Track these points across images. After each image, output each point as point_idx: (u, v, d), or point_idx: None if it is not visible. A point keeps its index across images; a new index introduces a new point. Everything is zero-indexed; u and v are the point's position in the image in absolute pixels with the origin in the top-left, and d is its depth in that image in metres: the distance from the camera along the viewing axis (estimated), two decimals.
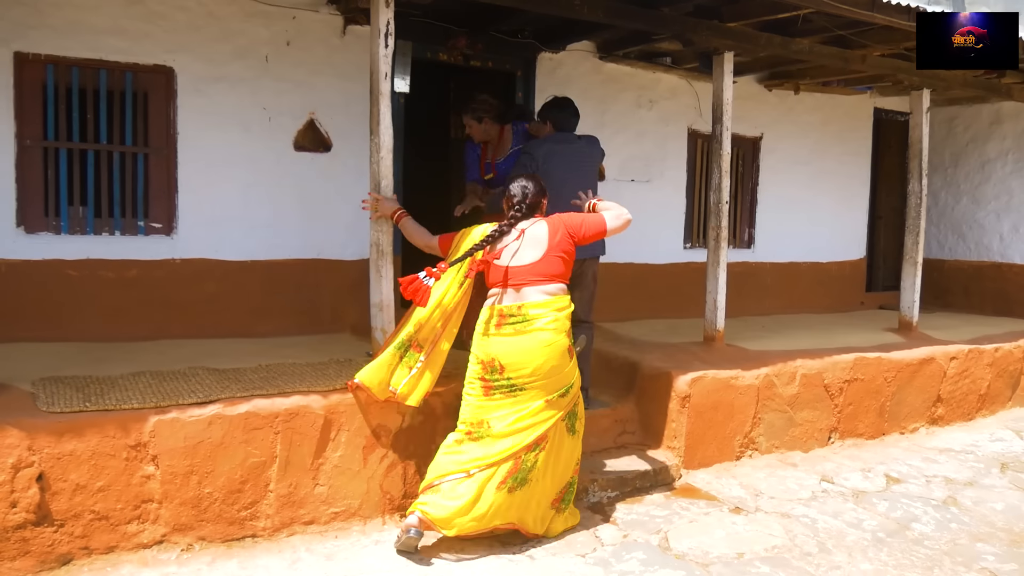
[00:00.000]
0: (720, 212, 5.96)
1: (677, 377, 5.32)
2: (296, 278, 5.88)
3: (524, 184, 4.39)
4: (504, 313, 4.11)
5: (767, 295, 8.31)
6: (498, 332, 4.10)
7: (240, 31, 5.60)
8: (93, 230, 5.34)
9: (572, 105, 5.45)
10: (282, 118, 5.78)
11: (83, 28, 5.17)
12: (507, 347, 4.07)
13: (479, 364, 4.13)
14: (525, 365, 4.04)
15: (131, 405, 3.78)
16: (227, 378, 4.25)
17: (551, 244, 4.22)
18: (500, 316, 4.12)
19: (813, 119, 8.56)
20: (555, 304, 4.15)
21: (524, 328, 4.08)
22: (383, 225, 4.56)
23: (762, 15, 5.67)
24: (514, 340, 4.07)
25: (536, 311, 4.09)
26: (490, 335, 4.12)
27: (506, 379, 4.06)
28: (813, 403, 5.91)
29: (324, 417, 4.09)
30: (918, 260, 7.18)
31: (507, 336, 4.08)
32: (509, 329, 4.09)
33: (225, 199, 5.63)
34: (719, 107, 5.90)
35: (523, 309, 4.09)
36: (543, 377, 4.07)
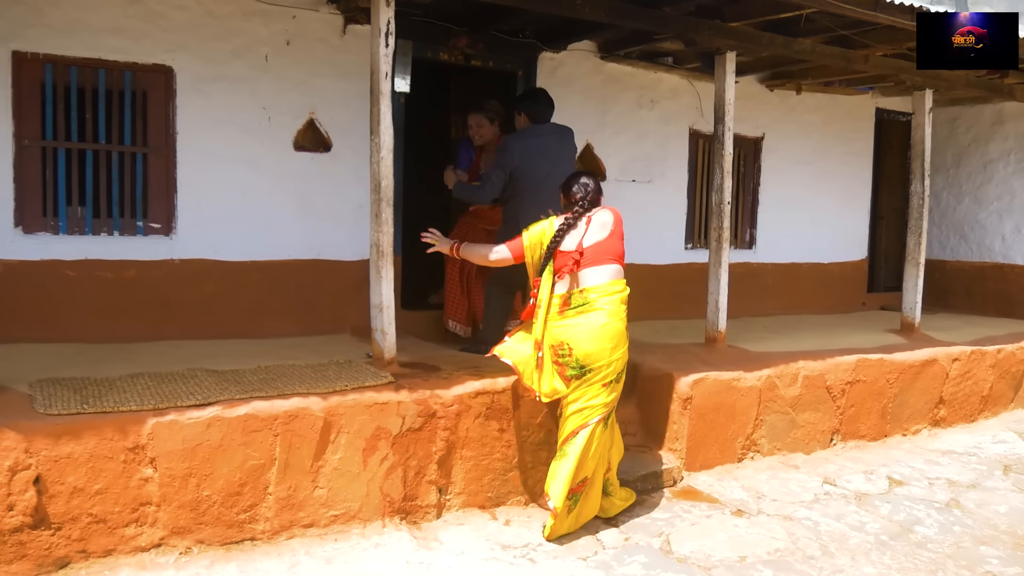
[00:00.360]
0: (722, 213, 5.93)
1: (679, 379, 5.29)
2: (296, 279, 5.85)
3: (585, 182, 4.57)
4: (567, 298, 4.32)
5: (768, 296, 8.29)
6: (562, 317, 4.31)
7: (239, 30, 5.57)
8: (92, 230, 5.31)
9: (547, 96, 5.64)
10: (282, 118, 5.75)
11: (82, 27, 5.14)
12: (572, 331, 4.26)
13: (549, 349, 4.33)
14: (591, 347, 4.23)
15: (129, 407, 3.74)
16: (226, 380, 4.23)
17: (614, 228, 4.48)
18: (564, 302, 4.33)
19: (815, 119, 8.53)
20: (610, 288, 4.33)
21: (585, 311, 4.28)
22: (383, 225, 4.53)
23: (764, 15, 5.64)
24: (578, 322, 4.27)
25: (595, 295, 4.29)
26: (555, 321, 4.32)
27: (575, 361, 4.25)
28: (815, 405, 5.88)
29: (323, 419, 4.06)
30: (920, 261, 7.15)
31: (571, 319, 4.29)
32: (572, 313, 4.29)
33: (224, 199, 5.60)
34: (721, 107, 5.87)
35: (585, 293, 4.30)
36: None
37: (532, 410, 4.63)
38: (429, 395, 4.33)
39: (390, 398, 4.23)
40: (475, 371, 4.72)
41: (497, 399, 4.52)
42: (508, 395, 4.55)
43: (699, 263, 7.65)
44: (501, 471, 4.58)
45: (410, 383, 4.39)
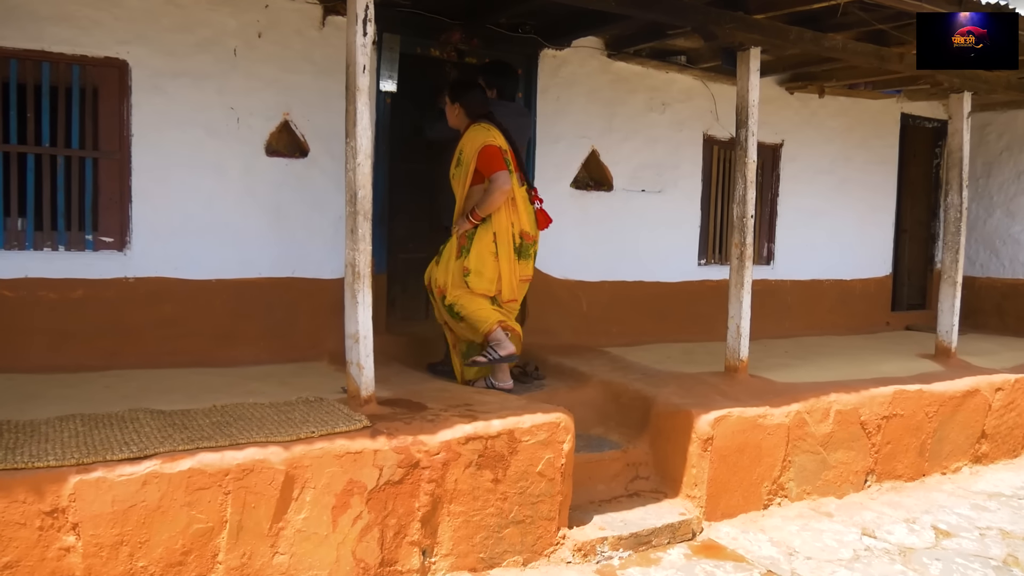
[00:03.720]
0: (745, 227, 5.31)
1: (698, 416, 4.66)
2: (267, 299, 5.24)
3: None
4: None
5: (788, 315, 7.66)
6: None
7: (204, 21, 4.97)
8: (33, 245, 4.69)
9: (516, 73, 5.63)
10: (252, 119, 5.15)
11: (22, 15, 4.54)
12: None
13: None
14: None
15: (47, 462, 3.11)
16: (172, 424, 3.59)
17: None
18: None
19: (837, 125, 7.92)
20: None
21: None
22: (359, 243, 3.91)
23: (792, 6, 5.05)
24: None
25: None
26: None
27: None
28: (848, 443, 5.26)
29: (285, 473, 3.42)
30: (957, 280, 6.52)
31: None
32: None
33: (186, 210, 4.99)
34: (744, 109, 5.25)
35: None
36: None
37: (531, 457, 4.00)
38: (411, 441, 3.70)
39: (365, 446, 3.59)
40: (466, 410, 4.09)
41: (491, 445, 3.89)
42: (503, 440, 3.92)
43: (713, 280, 7.08)
44: (495, 528, 3.94)
45: (389, 427, 3.76)
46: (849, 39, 5.66)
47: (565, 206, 6.37)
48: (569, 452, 4.12)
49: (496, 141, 4.79)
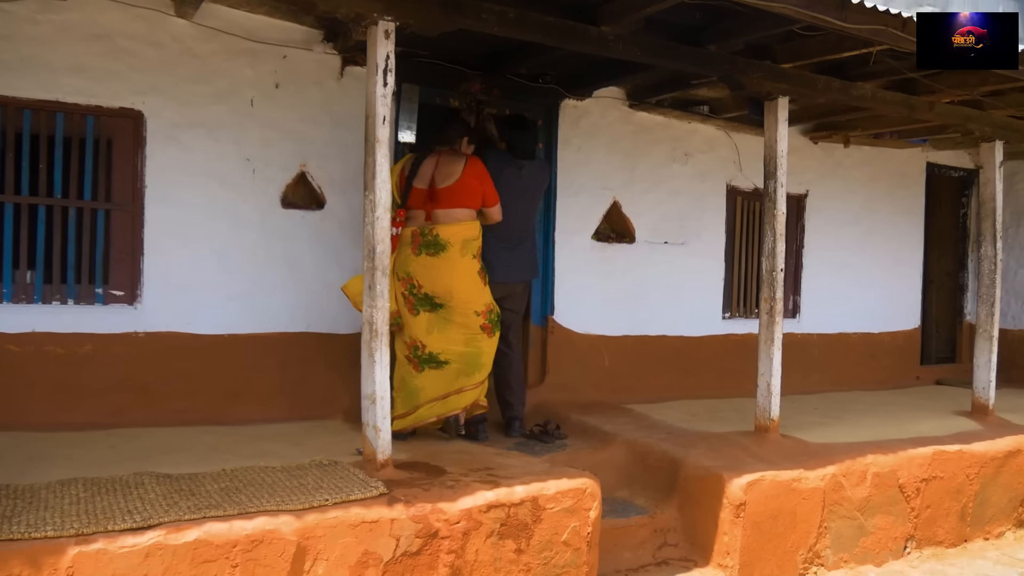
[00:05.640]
0: (775, 281, 5.13)
1: (730, 480, 4.43)
2: (281, 355, 5.08)
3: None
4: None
5: (814, 369, 7.43)
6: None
7: (221, 71, 4.89)
8: (41, 298, 4.56)
9: (535, 128, 5.64)
10: (268, 170, 5.04)
11: (37, 65, 4.47)
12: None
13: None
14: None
15: (44, 533, 2.93)
16: (178, 490, 3.41)
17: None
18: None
19: (862, 175, 7.77)
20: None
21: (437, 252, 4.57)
22: (377, 299, 3.75)
23: (821, 55, 4.92)
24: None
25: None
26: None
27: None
28: (886, 507, 5.01)
29: (297, 544, 3.23)
30: (994, 334, 6.29)
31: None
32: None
33: (199, 263, 4.87)
34: (772, 160, 5.10)
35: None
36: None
37: (556, 525, 3.79)
38: (430, 510, 3.50)
39: (382, 515, 3.40)
40: (487, 475, 3.90)
41: (513, 513, 3.68)
42: (527, 507, 3.71)
43: (738, 334, 6.89)
44: None
45: (407, 494, 3.56)
46: (878, 88, 5.54)
47: (586, 258, 6.22)
48: (596, 520, 3.91)
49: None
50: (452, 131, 4.92)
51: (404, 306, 4.66)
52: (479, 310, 4.71)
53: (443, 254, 4.60)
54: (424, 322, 4.67)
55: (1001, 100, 5.90)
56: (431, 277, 4.63)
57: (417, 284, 4.65)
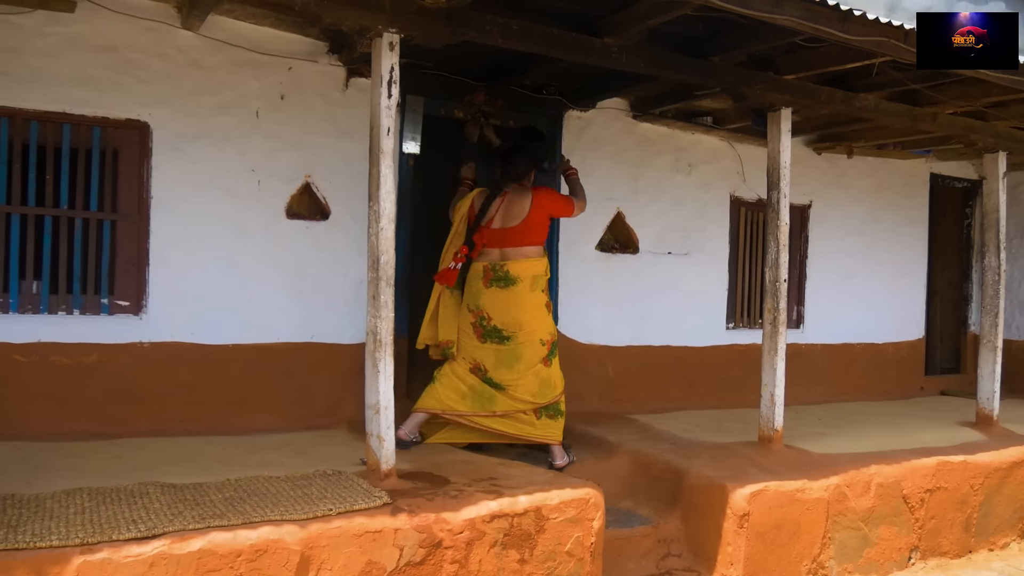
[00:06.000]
0: (778, 292, 5.13)
1: (733, 491, 4.43)
2: (285, 364, 5.09)
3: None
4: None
5: (818, 380, 7.43)
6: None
7: (227, 83, 4.92)
8: (47, 308, 4.58)
9: (547, 139, 5.64)
10: (273, 181, 5.06)
11: (45, 77, 4.50)
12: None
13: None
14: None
15: (50, 542, 2.94)
16: (183, 500, 3.42)
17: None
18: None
19: (866, 185, 7.78)
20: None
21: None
22: (381, 309, 3.77)
23: (825, 66, 4.93)
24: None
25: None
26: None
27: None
28: (891, 517, 5.00)
29: (300, 553, 3.23)
30: (998, 344, 6.29)
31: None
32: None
33: (204, 273, 4.88)
34: (775, 171, 5.11)
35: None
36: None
37: (559, 535, 3.79)
38: (434, 520, 3.50)
39: (385, 525, 3.41)
40: (490, 485, 3.90)
41: (517, 523, 3.69)
42: (530, 518, 3.72)
43: (742, 344, 6.90)
44: None
45: (411, 503, 3.57)
46: (881, 99, 5.55)
47: (590, 269, 6.23)
48: (599, 530, 3.91)
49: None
50: (521, 166, 4.94)
51: (472, 334, 4.81)
52: (544, 339, 4.85)
53: (513, 288, 4.76)
54: (491, 353, 4.79)
55: (1004, 111, 5.91)
56: (502, 310, 4.76)
57: (487, 316, 4.78)
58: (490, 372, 4.79)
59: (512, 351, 4.77)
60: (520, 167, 4.91)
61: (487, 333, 4.79)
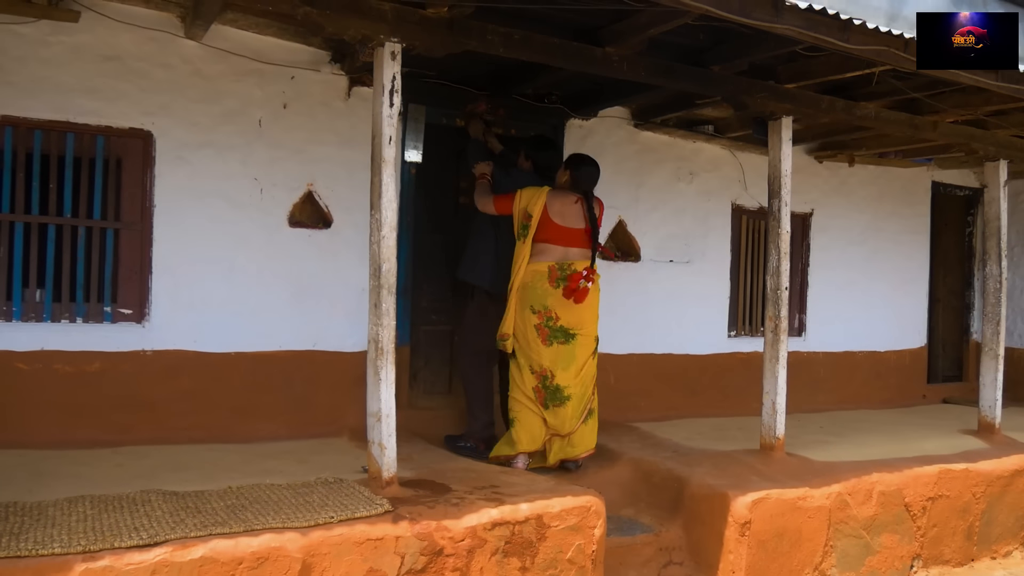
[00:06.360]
0: (779, 300, 5.13)
1: (735, 499, 4.43)
2: (287, 372, 5.10)
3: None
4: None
5: (820, 388, 7.43)
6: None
7: (230, 92, 4.94)
8: (50, 316, 4.60)
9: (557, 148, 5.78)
10: (276, 190, 5.08)
11: (49, 86, 4.53)
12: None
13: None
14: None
15: (52, 550, 2.95)
16: (184, 507, 3.43)
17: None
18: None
19: (867, 193, 7.79)
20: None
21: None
22: (383, 317, 3.78)
23: (826, 75, 4.95)
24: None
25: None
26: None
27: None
28: (892, 525, 4.99)
29: (302, 561, 3.24)
30: (999, 352, 6.29)
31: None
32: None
33: (207, 281, 4.90)
34: (776, 179, 5.13)
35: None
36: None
37: (560, 543, 3.79)
38: (435, 527, 3.51)
39: (386, 532, 3.41)
40: (492, 492, 3.91)
41: (518, 531, 3.69)
42: (531, 525, 3.72)
43: (744, 352, 6.90)
44: None
45: (412, 511, 3.57)
46: (881, 108, 5.57)
47: None
48: (600, 538, 3.92)
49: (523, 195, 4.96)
50: (590, 175, 5.07)
51: (537, 337, 4.81)
52: (596, 335, 4.97)
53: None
54: (554, 354, 4.82)
55: (1005, 120, 5.92)
56: (569, 309, 4.79)
57: (555, 316, 4.80)
58: (556, 378, 4.81)
59: (571, 351, 4.83)
60: (596, 176, 5.07)
61: (552, 333, 4.81)
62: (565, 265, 4.82)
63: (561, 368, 4.81)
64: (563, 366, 4.81)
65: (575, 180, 5.00)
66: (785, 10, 3.87)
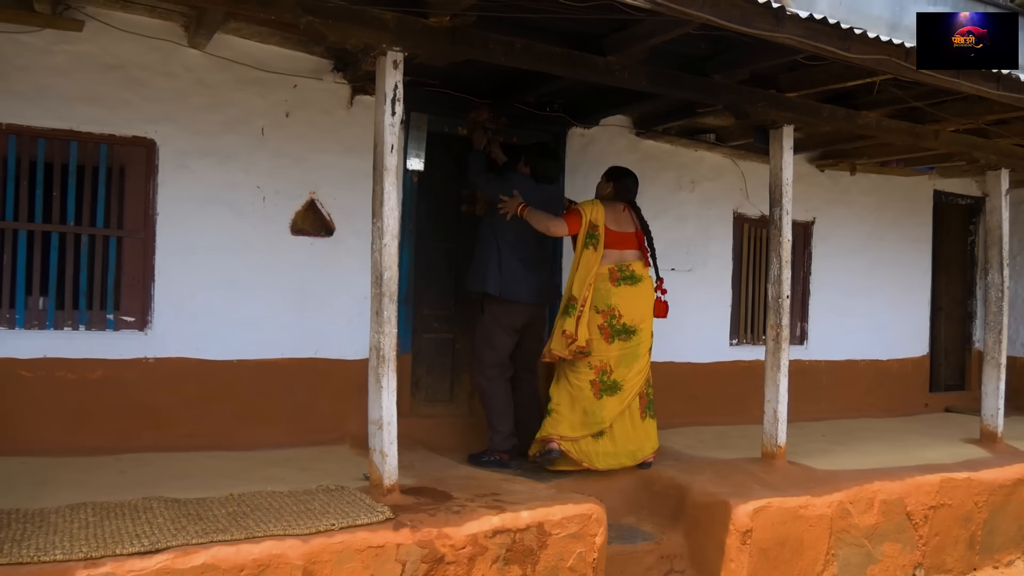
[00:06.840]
0: (780, 308, 5.14)
1: (736, 507, 4.43)
2: (289, 380, 5.11)
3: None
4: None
5: (822, 396, 7.42)
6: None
7: (233, 100, 4.97)
8: (53, 324, 4.61)
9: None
10: (278, 198, 5.10)
11: (53, 95, 4.55)
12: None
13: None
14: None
15: (53, 557, 2.96)
16: (186, 514, 3.44)
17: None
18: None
19: (869, 202, 7.80)
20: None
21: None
22: (384, 325, 3.79)
23: (826, 84, 4.97)
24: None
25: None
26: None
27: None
28: (894, 534, 4.99)
29: (303, 568, 3.24)
30: (1001, 361, 6.29)
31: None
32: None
33: (209, 289, 4.92)
34: (777, 188, 5.14)
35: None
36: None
37: (561, 551, 3.79)
38: (436, 534, 3.51)
39: (387, 540, 3.42)
40: (493, 500, 3.91)
41: (519, 538, 3.69)
42: (532, 533, 3.72)
43: (746, 360, 6.90)
44: None
45: (413, 519, 3.58)
46: (883, 116, 5.58)
47: None
48: (601, 546, 3.92)
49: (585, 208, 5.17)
50: (633, 186, 5.38)
51: (600, 336, 5.01)
52: (652, 331, 5.23)
53: (640, 284, 5.13)
54: (616, 351, 5.03)
55: (1006, 129, 5.93)
56: (631, 305, 5.07)
57: (618, 314, 5.03)
58: (614, 373, 5.00)
59: (634, 349, 5.06)
60: (631, 188, 5.37)
61: (615, 332, 5.02)
62: (623, 266, 5.09)
63: (624, 365, 5.02)
64: (626, 363, 5.03)
65: (618, 191, 5.30)
66: (786, 20, 3.89)
